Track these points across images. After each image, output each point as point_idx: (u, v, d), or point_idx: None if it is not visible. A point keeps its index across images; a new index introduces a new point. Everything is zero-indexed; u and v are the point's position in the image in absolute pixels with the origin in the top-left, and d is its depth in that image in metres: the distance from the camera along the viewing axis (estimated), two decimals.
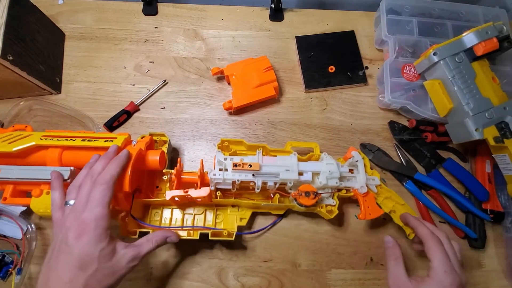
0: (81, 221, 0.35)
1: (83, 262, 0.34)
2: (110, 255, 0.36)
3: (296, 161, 0.47)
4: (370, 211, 0.49)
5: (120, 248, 0.37)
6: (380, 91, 0.60)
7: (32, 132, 0.47)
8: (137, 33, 0.63)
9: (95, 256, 0.34)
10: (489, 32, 0.50)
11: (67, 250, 0.34)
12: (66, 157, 0.45)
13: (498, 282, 0.53)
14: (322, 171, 0.47)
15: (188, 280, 0.50)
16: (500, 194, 0.55)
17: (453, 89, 0.50)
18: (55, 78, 0.58)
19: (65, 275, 0.33)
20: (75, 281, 0.33)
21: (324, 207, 0.48)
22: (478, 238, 0.53)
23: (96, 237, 0.35)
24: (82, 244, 0.34)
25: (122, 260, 0.36)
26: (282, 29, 0.65)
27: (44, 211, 0.43)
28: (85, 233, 0.34)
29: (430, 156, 0.56)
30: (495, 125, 0.49)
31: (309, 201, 0.46)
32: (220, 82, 0.61)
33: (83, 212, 0.36)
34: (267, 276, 0.51)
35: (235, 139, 0.52)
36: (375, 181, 0.50)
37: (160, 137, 0.52)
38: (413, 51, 0.59)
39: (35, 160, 0.45)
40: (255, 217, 0.53)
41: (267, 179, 0.46)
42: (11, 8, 0.48)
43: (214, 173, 0.45)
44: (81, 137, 0.45)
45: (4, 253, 0.49)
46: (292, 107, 0.60)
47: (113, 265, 0.36)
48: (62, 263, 0.34)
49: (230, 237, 0.46)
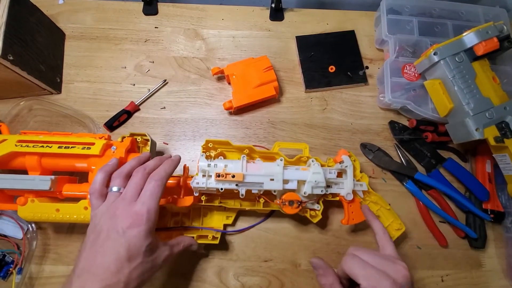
0: (133, 212, 0.35)
1: (131, 254, 0.34)
2: (152, 251, 0.36)
3: (282, 170, 0.45)
4: (354, 216, 0.49)
5: (160, 245, 0.38)
6: (380, 91, 0.60)
7: (7, 136, 0.45)
8: (137, 33, 0.63)
9: (142, 250, 0.35)
10: (490, 31, 0.50)
11: (116, 239, 0.34)
12: (46, 162, 0.44)
13: (498, 282, 0.53)
14: (308, 180, 0.46)
15: (188, 280, 0.50)
16: (500, 194, 0.55)
17: (453, 89, 0.50)
18: (55, 78, 0.58)
19: (112, 264, 0.33)
20: (120, 272, 0.33)
21: (308, 211, 0.48)
22: (478, 238, 0.53)
23: (146, 230, 0.35)
24: (132, 235, 0.34)
25: (160, 257, 0.37)
26: (282, 29, 0.65)
27: (31, 217, 0.43)
28: (137, 225, 0.34)
29: (430, 156, 0.56)
30: (496, 125, 0.49)
31: (293, 210, 0.45)
32: (220, 82, 0.61)
33: (135, 203, 0.36)
34: (267, 276, 0.51)
35: (220, 140, 0.49)
36: (362, 187, 0.49)
37: (141, 137, 0.50)
38: (414, 51, 0.59)
39: (15, 165, 0.45)
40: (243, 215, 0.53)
41: (250, 188, 0.45)
42: (12, 8, 0.48)
43: (197, 181, 0.44)
44: (58, 143, 0.44)
45: (4, 253, 0.49)
46: (292, 107, 0.60)
47: (153, 261, 0.36)
48: (110, 251, 0.34)
49: (215, 241, 0.48)
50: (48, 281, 0.49)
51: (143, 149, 0.51)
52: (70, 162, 0.45)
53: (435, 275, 0.52)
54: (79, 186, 0.45)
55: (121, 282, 0.33)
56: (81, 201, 0.43)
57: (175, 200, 0.45)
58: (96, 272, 0.33)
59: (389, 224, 0.50)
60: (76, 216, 0.43)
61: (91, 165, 0.44)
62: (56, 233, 0.51)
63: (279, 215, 0.53)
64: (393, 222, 0.51)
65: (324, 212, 0.49)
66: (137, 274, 0.34)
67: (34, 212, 0.43)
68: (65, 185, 0.45)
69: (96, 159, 0.44)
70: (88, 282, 0.32)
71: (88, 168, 0.45)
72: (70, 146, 0.44)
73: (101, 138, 0.46)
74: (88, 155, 0.44)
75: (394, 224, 0.51)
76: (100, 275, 0.32)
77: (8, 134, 0.47)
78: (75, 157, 0.44)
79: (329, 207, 0.54)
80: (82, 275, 0.33)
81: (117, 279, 0.33)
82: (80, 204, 0.43)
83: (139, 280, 0.35)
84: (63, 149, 0.44)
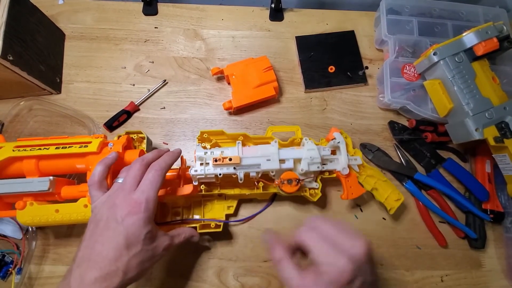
0: (132, 200, 0.35)
1: (130, 242, 0.34)
2: (152, 240, 0.36)
3: (277, 150, 0.47)
4: (353, 191, 0.49)
5: (159, 235, 0.38)
6: (380, 91, 0.60)
7: (3, 144, 0.45)
8: (137, 33, 0.63)
9: (141, 238, 0.35)
10: (489, 32, 0.50)
11: (115, 227, 0.34)
12: (43, 165, 0.44)
13: (498, 282, 0.53)
14: (303, 157, 0.47)
15: (188, 280, 0.50)
16: (500, 194, 0.55)
17: (453, 89, 0.50)
18: (55, 78, 0.58)
19: (111, 252, 0.33)
20: (119, 260, 0.33)
21: (307, 190, 0.49)
22: (478, 238, 0.53)
23: (144, 219, 0.35)
24: (130, 223, 0.34)
25: (160, 246, 0.37)
26: (282, 29, 0.65)
27: (31, 221, 0.43)
28: (135, 213, 0.35)
29: (430, 156, 0.56)
30: (495, 125, 0.49)
31: (292, 188, 0.46)
32: (220, 82, 0.61)
33: (134, 192, 0.36)
34: (267, 276, 0.51)
35: (214, 130, 0.50)
36: (357, 161, 0.50)
37: (137, 134, 0.51)
38: (413, 51, 0.59)
39: (12, 172, 0.44)
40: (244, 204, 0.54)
41: (248, 171, 0.46)
42: (11, 8, 0.48)
43: (195, 169, 0.45)
44: (55, 144, 0.44)
45: (4, 253, 0.49)
46: (292, 107, 0.60)
47: (153, 249, 0.36)
48: (109, 239, 0.34)
49: (218, 229, 0.48)
50: (47, 281, 0.49)
51: (139, 147, 0.51)
52: (68, 163, 0.45)
53: (435, 275, 0.52)
54: (77, 187, 0.45)
55: (120, 270, 0.33)
56: (80, 199, 0.43)
57: (175, 190, 0.45)
58: (95, 260, 0.33)
59: (387, 195, 0.51)
60: (76, 214, 0.43)
61: (89, 165, 0.44)
62: (55, 233, 0.51)
63: (279, 214, 0.54)
64: (392, 193, 0.51)
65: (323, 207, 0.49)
66: (137, 262, 0.35)
67: (33, 215, 0.42)
68: (63, 187, 0.45)
69: (93, 157, 0.44)
70: (88, 270, 0.33)
71: (86, 169, 0.45)
72: (67, 146, 0.44)
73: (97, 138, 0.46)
74: (86, 153, 0.44)
75: (392, 195, 0.51)
76: (99, 263, 0.33)
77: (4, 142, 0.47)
78: (73, 157, 0.44)
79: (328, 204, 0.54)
80: (81, 264, 0.34)
81: (115, 267, 0.33)
82: (80, 202, 0.43)
83: (138, 269, 0.35)
84: (61, 149, 0.44)
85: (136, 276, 0.35)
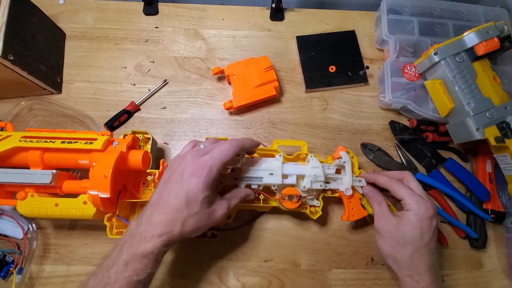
0: (201, 161, 0.38)
1: (189, 200, 0.37)
2: (209, 204, 0.39)
3: (281, 164, 0.46)
4: (354, 213, 0.49)
5: (217, 200, 0.40)
6: (380, 91, 0.60)
7: (11, 132, 0.46)
8: (138, 33, 0.63)
9: (199, 200, 0.37)
10: (490, 31, 0.50)
11: (179, 182, 0.37)
12: (48, 158, 0.45)
13: (499, 282, 0.53)
14: (307, 174, 0.46)
15: (188, 280, 0.50)
16: (501, 194, 0.55)
17: (454, 89, 0.50)
18: (56, 78, 0.58)
19: (174, 202, 0.37)
20: (179, 212, 0.36)
21: (308, 207, 0.48)
22: (479, 238, 0.53)
23: (204, 182, 0.37)
24: (192, 183, 0.37)
25: (218, 210, 0.40)
26: (282, 29, 0.65)
27: (31, 213, 0.43)
28: (197, 175, 0.37)
29: (430, 156, 0.56)
30: (496, 125, 0.49)
31: (292, 204, 0.45)
32: (220, 82, 0.61)
33: (205, 154, 0.39)
34: (268, 276, 0.51)
35: (219, 138, 0.48)
36: (361, 183, 0.49)
37: (143, 135, 0.51)
38: (414, 51, 0.59)
39: (17, 162, 0.45)
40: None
41: (250, 183, 0.46)
42: (12, 8, 0.49)
43: None
44: (61, 138, 0.44)
45: (5, 253, 0.49)
46: (292, 107, 0.60)
47: (210, 212, 0.39)
48: (175, 191, 0.37)
49: (214, 238, 0.48)
50: (48, 281, 0.49)
51: (144, 147, 0.51)
52: (72, 157, 0.45)
53: None
54: (79, 182, 0.45)
55: (179, 221, 0.36)
56: (80, 196, 0.44)
57: None
58: (163, 205, 0.37)
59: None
60: (75, 210, 0.43)
61: (93, 161, 0.44)
62: (56, 233, 0.51)
63: (279, 214, 0.53)
64: None
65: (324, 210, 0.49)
66: (193, 221, 0.37)
67: (33, 207, 0.43)
68: (65, 181, 0.45)
69: (97, 155, 0.44)
70: (156, 211, 0.37)
71: (89, 165, 0.45)
72: (73, 141, 0.44)
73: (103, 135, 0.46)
74: (91, 149, 0.44)
75: None
76: (165, 209, 0.37)
77: (13, 131, 0.47)
78: (77, 152, 0.45)
79: (328, 206, 0.54)
80: (153, 205, 0.38)
81: (176, 217, 0.36)
82: (80, 198, 0.43)
83: (194, 227, 0.37)
84: (66, 144, 0.44)
85: (191, 233, 0.38)
